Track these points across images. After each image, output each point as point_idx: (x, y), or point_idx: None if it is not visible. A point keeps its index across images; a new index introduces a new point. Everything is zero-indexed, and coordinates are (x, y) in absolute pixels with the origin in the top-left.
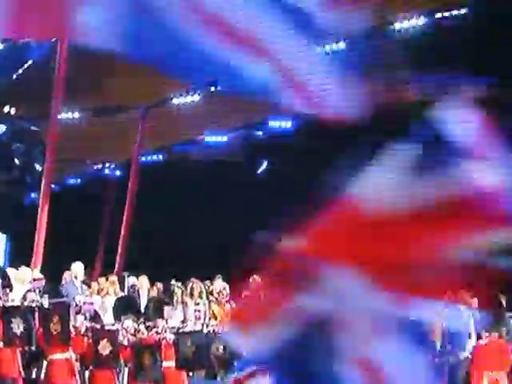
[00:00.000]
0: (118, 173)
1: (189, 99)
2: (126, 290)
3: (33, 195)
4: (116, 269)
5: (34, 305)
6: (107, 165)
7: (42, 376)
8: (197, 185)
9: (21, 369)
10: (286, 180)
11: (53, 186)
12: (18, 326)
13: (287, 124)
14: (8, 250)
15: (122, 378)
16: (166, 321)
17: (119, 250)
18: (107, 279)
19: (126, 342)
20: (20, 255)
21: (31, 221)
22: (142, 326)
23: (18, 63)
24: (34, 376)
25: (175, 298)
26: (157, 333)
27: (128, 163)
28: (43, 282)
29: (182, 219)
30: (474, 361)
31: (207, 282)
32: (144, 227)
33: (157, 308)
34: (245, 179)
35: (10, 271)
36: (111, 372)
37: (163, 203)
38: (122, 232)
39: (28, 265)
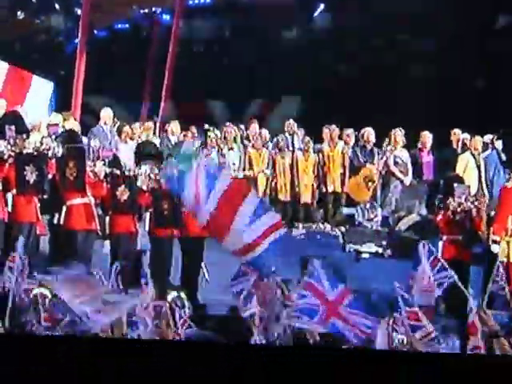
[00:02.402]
0: (165, 17)
1: None
2: (157, 135)
3: (76, 41)
4: (160, 114)
5: (49, 152)
6: (153, 9)
7: (62, 221)
8: (247, 27)
9: (39, 214)
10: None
11: (98, 31)
12: (30, 174)
13: None
14: (54, 97)
15: (144, 224)
16: None
17: (163, 96)
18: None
19: (144, 188)
20: (65, 103)
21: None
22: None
23: None
24: (55, 221)
25: (209, 143)
26: None
27: None
28: (59, 128)
29: (229, 63)
30: (500, 202)
31: (242, 127)
32: (189, 71)
33: None
34: (297, 23)
35: (41, 118)
36: (130, 217)
37: (211, 47)
38: (166, 78)
39: None
